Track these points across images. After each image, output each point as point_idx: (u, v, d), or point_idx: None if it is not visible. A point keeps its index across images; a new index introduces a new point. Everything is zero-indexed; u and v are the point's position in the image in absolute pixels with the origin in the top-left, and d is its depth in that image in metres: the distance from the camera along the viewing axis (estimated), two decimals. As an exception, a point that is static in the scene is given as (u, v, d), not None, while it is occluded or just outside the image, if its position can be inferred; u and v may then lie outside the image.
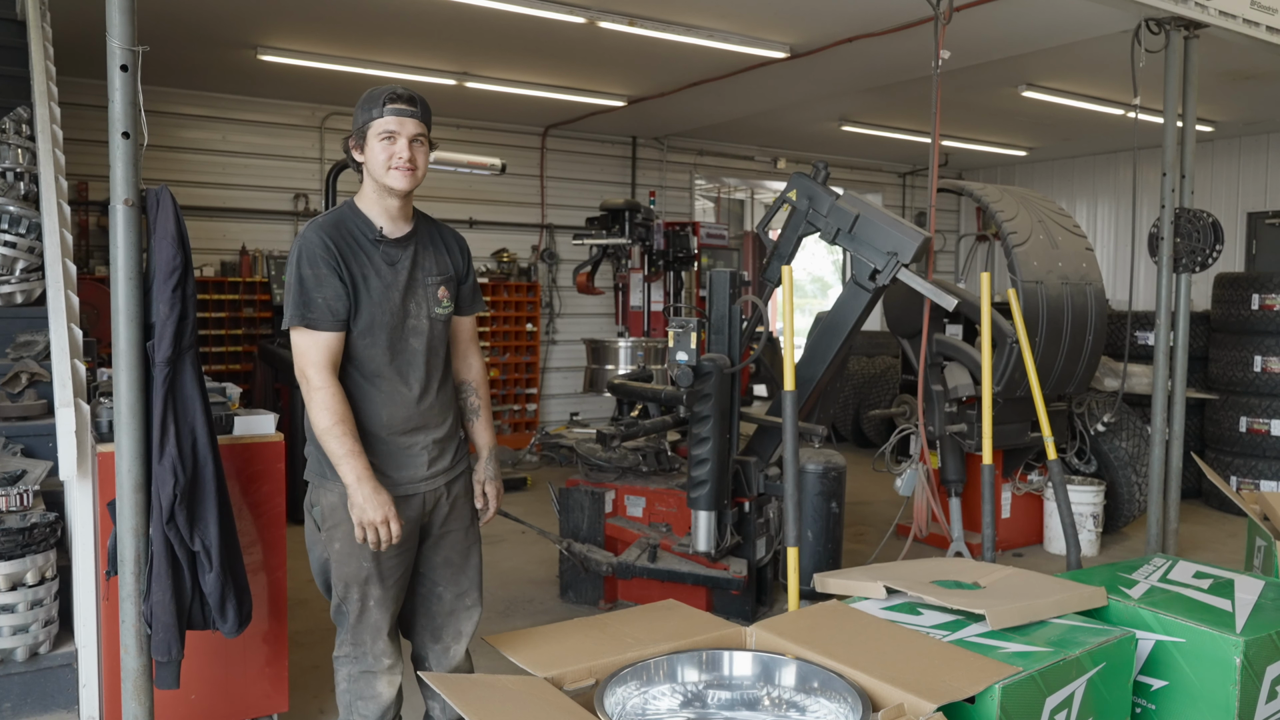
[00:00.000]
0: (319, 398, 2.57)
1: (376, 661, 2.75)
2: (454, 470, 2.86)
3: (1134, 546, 6.32)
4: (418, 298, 2.73)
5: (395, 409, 2.70)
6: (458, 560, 2.89)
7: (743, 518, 4.68)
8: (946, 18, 4.53)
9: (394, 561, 2.73)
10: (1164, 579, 3.14)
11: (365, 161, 2.67)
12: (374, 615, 2.73)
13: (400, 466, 2.73)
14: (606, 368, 8.31)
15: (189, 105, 8.50)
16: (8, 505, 3.21)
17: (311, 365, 2.59)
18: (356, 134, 2.67)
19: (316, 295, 2.58)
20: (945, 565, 3.42)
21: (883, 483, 7.39)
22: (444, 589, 2.89)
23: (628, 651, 2.53)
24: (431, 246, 2.81)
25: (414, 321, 2.72)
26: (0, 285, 4.08)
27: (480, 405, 3.00)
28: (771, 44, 6.83)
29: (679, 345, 4.25)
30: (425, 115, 2.68)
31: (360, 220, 2.70)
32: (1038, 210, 5.88)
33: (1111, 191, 12.10)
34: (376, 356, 2.67)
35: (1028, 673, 2.35)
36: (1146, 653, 2.81)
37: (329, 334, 2.60)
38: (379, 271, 2.67)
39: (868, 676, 2.32)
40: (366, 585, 2.70)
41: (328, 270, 2.59)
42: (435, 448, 2.79)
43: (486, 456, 2.99)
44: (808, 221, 4.62)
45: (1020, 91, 8.29)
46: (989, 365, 4.32)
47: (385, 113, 2.62)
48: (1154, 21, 5.12)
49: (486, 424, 3.01)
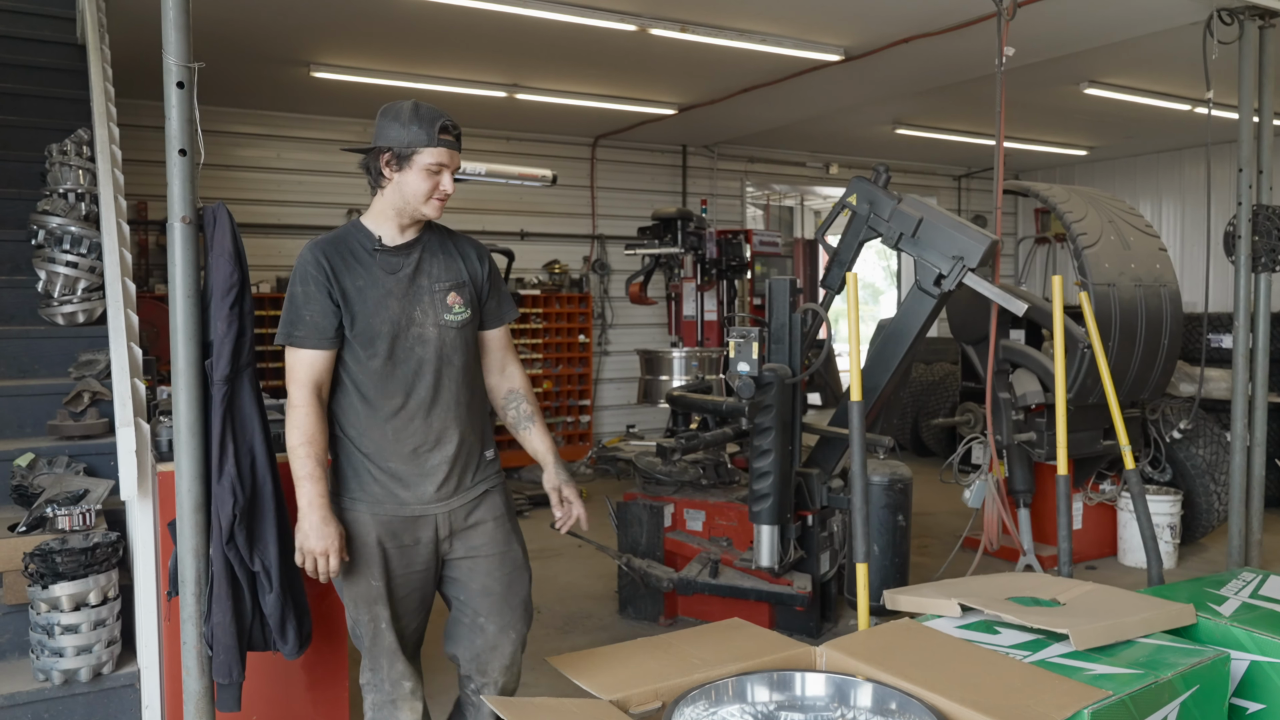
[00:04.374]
0: (293, 416, 2.56)
1: (395, 687, 2.70)
2: (472, 490, 2.76)
3: (1213, 558, 6.08)
4: (423, 304, 2.65)
5: (400, 423, 2.63)
6: (498, 589, 2.77)
7: (805, 531, 4.57)
8: (1010, 14, 4.41)
9: (401, 581, 2.67)
10: (1255, 595, 3.00)
11: (396, 183, 2.60)
12: (387, 637, 2.67)
13: (407, 485, 2.65)
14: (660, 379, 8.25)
15: (244, 124, 8.62)
16: (71, 525, 3.22)
17: (294, 383, 2.57)
18: (397, 155, 2.57)
19: (305, 313, 2.57)
20: (1021, 581, 3.29)
21: (946, 493, 7.22)
22: (486, 620, 2.77)
23: (694, 673, 2.45)
24: (441, 253, 2.73)
25: (419, 329, 2.64)
26: (63, 305, 4.13)
27: (533, 412, 2.89)
28: (826, 47, 6.73)
29: (740, 355, 4.16)
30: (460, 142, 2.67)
31: (361, 233, 2.67)
32: (1107, 210, 5.70)
33: (1176, 190, 11.77)
34: (379, 367, 2.61)
35: (1118, 697, 2.23)
36: (1240, 674, 2.67)
37: (314, 352, 2.57)
38: (376, 280, 2.62)
39: (947, 700, 2.22)
40: (375, 606, 2.65)
41: (316, 288, 2.56)
42: (448, 465, 2.68)
43: (553, 461, 2.86)
44: (869, 226, 4.51)
45: (1082, 89, 8.10)
46: (1062, 372, 4.17)
47: (438, 143, 2.57)
48: (1226, 11, 4.96)
49: (543, 430, 2.90)
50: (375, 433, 2.63)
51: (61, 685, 3.03)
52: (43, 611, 2.97)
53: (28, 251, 4.26)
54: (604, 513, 5.32)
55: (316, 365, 2.58)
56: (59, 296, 4.13)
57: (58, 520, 3.23)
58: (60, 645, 3.00)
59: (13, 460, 3.62)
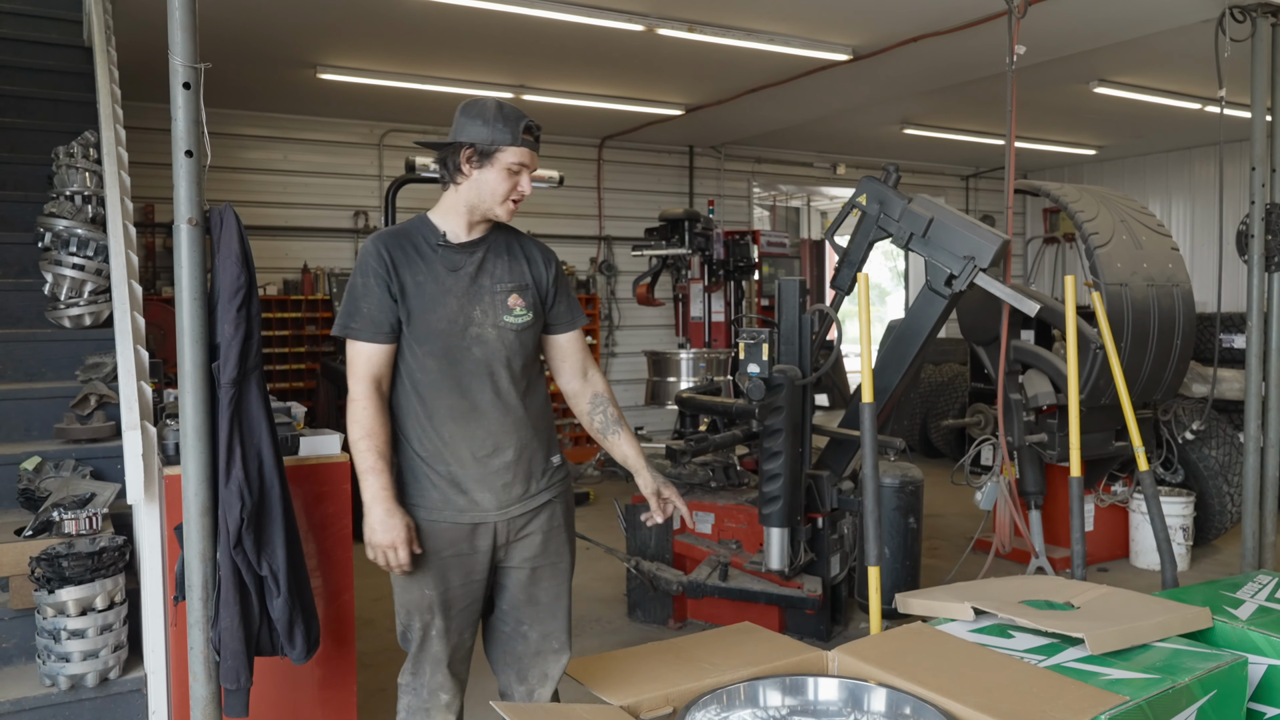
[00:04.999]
0: (353, 410, 2.52)
1: (432, 697, 2.63)
2: (534, 499, 2.67)
3: (1226, 560, 6.04)
4: (483, 304, 2.59)
5: (456, 425, 2.56)
6: (546, 601, 2.72)
7: (816, 534, 4.54)
8: (1021, 11, 4.37)
9: (458, 592, 2.60)
10: (1272, 598, 2.97)
11: (474, 179, 2.55)
12: (435, 646, 2.61)
13: (465, 491, 2.57)
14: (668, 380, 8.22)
15: (250, 126, 8.62)
16: (77, 529, 3.20)
17: (353, 376, 2.53)
18: (479, 152, 2.52)
19: (362, 305, 2.52)
20: (1034, 584, 3.26)
21: (956, 494, 7.17)
22: (529, 628, 2.73)
23: (706, 678, 2.42)
24: (506, 254, 2.67)
25: (477, 330, 2.57)
26: (69, 307, 4.12)
27: (618, 416, 2.82)
28: (834, 46, 6.70)
29: (750, 357, 4.13)
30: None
31: (426, 228, 2.62)
32: (1119, 210, 5.65)
33: (1186, 189, 11.71)
34: (435, 366, 2.55)
35: (1135, 702, 2.20)
36: (1258, 678, 2.64)
37: (371, 345, 2.52)
38: (436, 277, 2.56)
39: (961, 706, 2.19)
40: (428, 614, 2.59)
41: (375, 281, 2.52)
42: (508, 472, 2.60)
43: (645, 466, 2.81)
44: (879, 226, 4.47)
45: (1091, 88, 8.06)
46: (1075, 373, 4.13)
47: (522, 143, 2.52)
48: (1238, 9, 4.92)
49: (630, 435, 2.84)
50: (432, 435, 2.56)
51: (68, 691, 3.01)
52: (49, 616, 2.96)
53: (34, 254, 4.25)
54: (612, 515, 5.29)
55: (375, 359, 2.53)
56: (65, 299, 4.12)
57: (64, 524, 3.21)
58: (67, 650, 2.97)
59: (19, 464, 3.61)
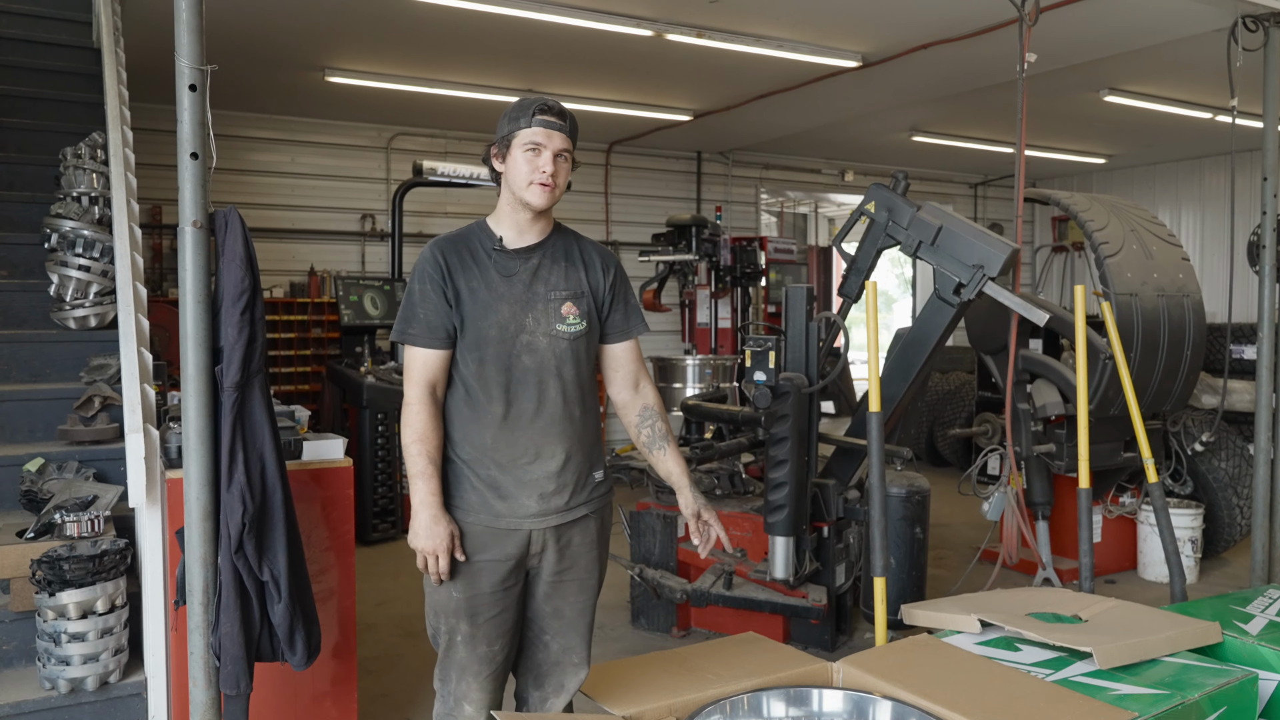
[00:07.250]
0: (407, 414, 2.51)
1: (456, 705, 2.58)
2: (572, 511, 2.60)
3: (1235, 573, 5.99)
4: (535, 312, 2.55)
5: (500, 432, 2.53)
6: (570, 614, 2.67)
7: (821, 543, 4.51)
8: (1032, 19, 4.34)
9: (486, 599, 2.53)
10: (1282, 613, 2.94)
11: (505, 173, 2.56)
12: (460, 652, 2.55)
13: (504, 496, 2.53)
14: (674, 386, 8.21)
15: (257, 128, 8.62)
16: (79, 531, 3.18)
17: (409, 380, 2.53)
18: (500, 143, 2.55)
19: (419, 310, 2.52)
20: (1041, 596, 3.23)
21: (963, 504, 7.14)
22: (551, 639, 2.68)
23: (709, 689, 2.41)
24: (564, 260, 2.63)
25: (528, 338, 2.54)
26: (75, 309, 4.11)
27: (666, 431, 2.76)
28: (843, 53, 6.68)
29: (757, 364, 4.10)
30: (573, 131, 2.57)
31: (484, 233, 2.60)
32: (1129, 219, 5.62)
33: (1196, 199, 11.66)
34: (485, 373, 2.53)
35: (1144, 718, 2.18)
36: (1269, 694, 2.61)
37: (427, 351, 2.52)
38: (490, 283, 2.54)
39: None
40: (453, 618, 2.54)
41: (431, 287, 2.52)
42: (550, 481, 2.55)
43: (689, 485, 2.74)
44: (887, 234, 4.45)
45: (1102, 96, 8.02)
46: (1084, 383, 4.10)
47: (534, 123, 2.51)
48: (1251, 18, 4.89)
49: (677, 452, 2.77)
50: (475, 439, 2.54)
51: (68, 694, 2.99)
52: (50, 619, 2.94)
53: (40, 255, 4.25)
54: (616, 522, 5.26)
55: (430, 364, 2.52)
56: (71, 300, 4.11)
57: (66, 526, 3.19)
58: (67, 653, 2.96)
59: (22, 465, 3.60)
